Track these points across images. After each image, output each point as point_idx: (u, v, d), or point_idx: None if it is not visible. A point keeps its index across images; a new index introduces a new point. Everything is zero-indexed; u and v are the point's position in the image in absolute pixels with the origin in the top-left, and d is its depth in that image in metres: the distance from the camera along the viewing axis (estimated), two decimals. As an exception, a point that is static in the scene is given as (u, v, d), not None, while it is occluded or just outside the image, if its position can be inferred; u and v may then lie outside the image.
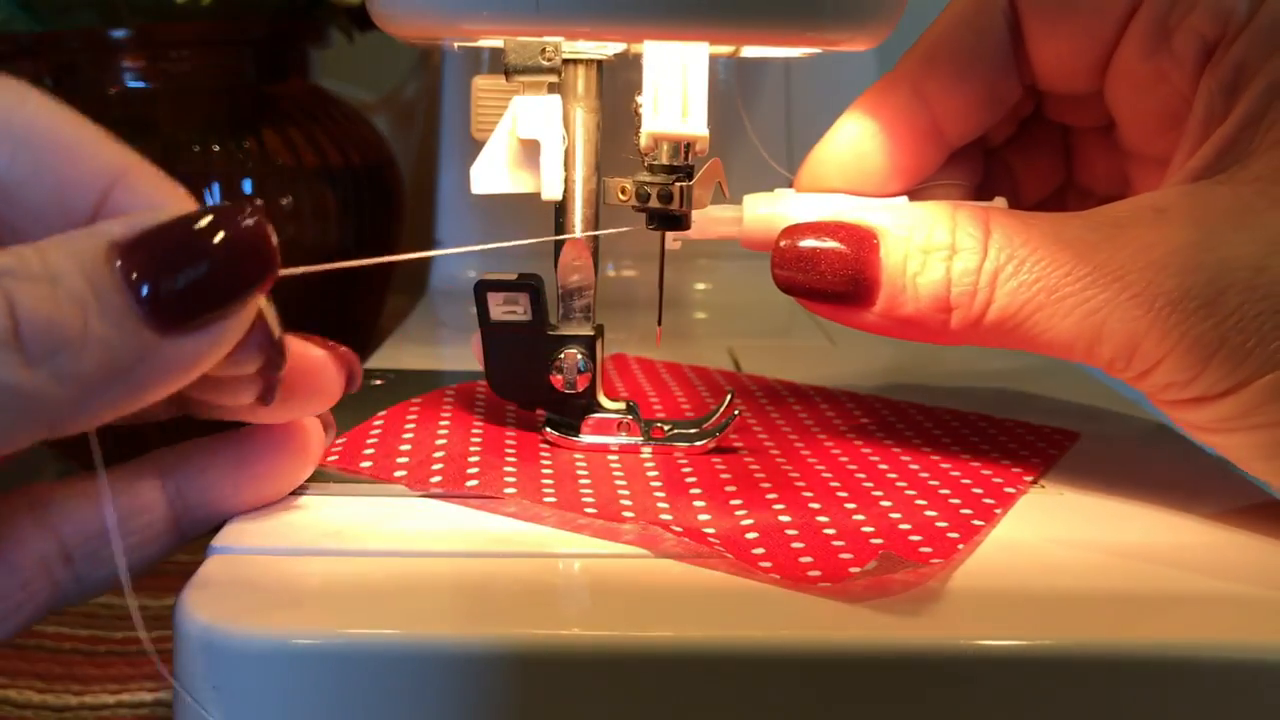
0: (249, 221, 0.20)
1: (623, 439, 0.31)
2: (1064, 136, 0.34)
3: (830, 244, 0.28)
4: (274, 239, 0.20)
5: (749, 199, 0.31)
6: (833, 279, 0.27)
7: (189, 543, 0.26)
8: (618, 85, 0.33)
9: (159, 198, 0.21)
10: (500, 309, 0.30)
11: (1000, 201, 0.30)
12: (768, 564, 0.24)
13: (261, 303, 0.21)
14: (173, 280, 0.19)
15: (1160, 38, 0.28)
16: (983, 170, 0.34)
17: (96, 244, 0.19)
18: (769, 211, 0.30)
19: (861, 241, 0.27)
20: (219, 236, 0.20)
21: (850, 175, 0.31)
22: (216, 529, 0.26)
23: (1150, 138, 0.30)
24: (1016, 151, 0.34)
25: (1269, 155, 0.25)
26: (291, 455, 0.27)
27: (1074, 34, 0.29)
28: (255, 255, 0.20)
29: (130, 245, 0.19)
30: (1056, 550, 0.26)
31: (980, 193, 0.33)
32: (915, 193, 0.31)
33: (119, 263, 0.19)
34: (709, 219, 0.31)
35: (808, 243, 0.28)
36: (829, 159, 0.31)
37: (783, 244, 0.28)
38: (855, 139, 0.31)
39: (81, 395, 0.19)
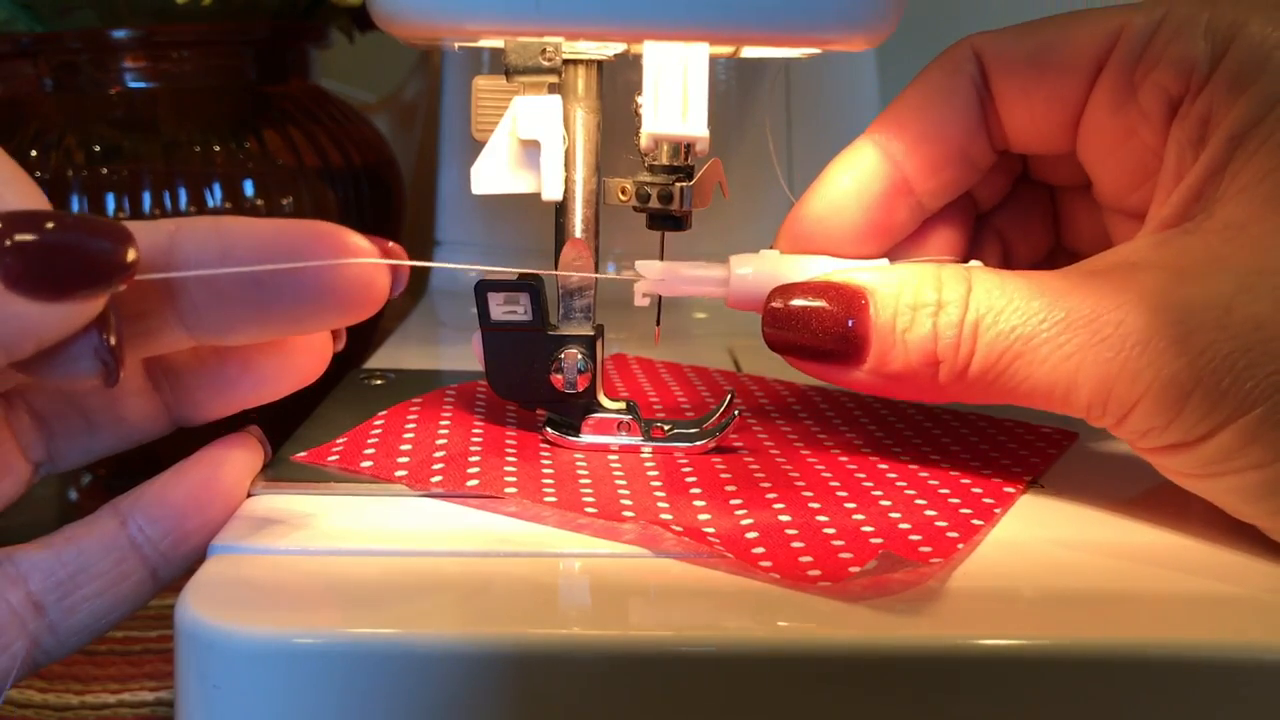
0: (103, 240, 0.21)
1: (623, 439, 0.31)
2: (1051, 197, 0.35)
3: (821, 303, 0.28)
4: (128, 258, 0.21)
5: (734, 259, 0.31)
6: (824, 337, 0.28)
7: (168, 585, 0.26)
8: (618, 85, 0.33)
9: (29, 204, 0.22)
10: (500, 309, 0.30)
11: (976, 264, 0.30)
12: (768, 564, 0.24)
13: (109, 315, 0.22)
14: (20, 251, 0.20)
15: (1127, 94, 0.29)
16: (971, 235, 0.34)
17: None
18: (754, 271, 0.31)
19: (851, 300, 0.28)
20: (69, 236, 0.21)
21: (828, 231, 0.31)
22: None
23: (1125, 193, 0.31)
24: (1006, 216, 0.35)
25: (1233, 203, 0.26)
26: (228, 479, 0.27)
27: (1043, 94, 0.30)
28: (97, 264, 0.21)
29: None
30: (1056, 550, 0.26)
31: (970, 258, 0.34)
32: (899, 263, 0.31)
33: None
34: (695, 279, 0.31)
35: (799, 302, 0.28)
36: (806, 215, 0.32)
37: (774, 304, 0.29)
38: (831, 196, 0.31)
39: None
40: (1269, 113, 0.26)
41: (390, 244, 0.26)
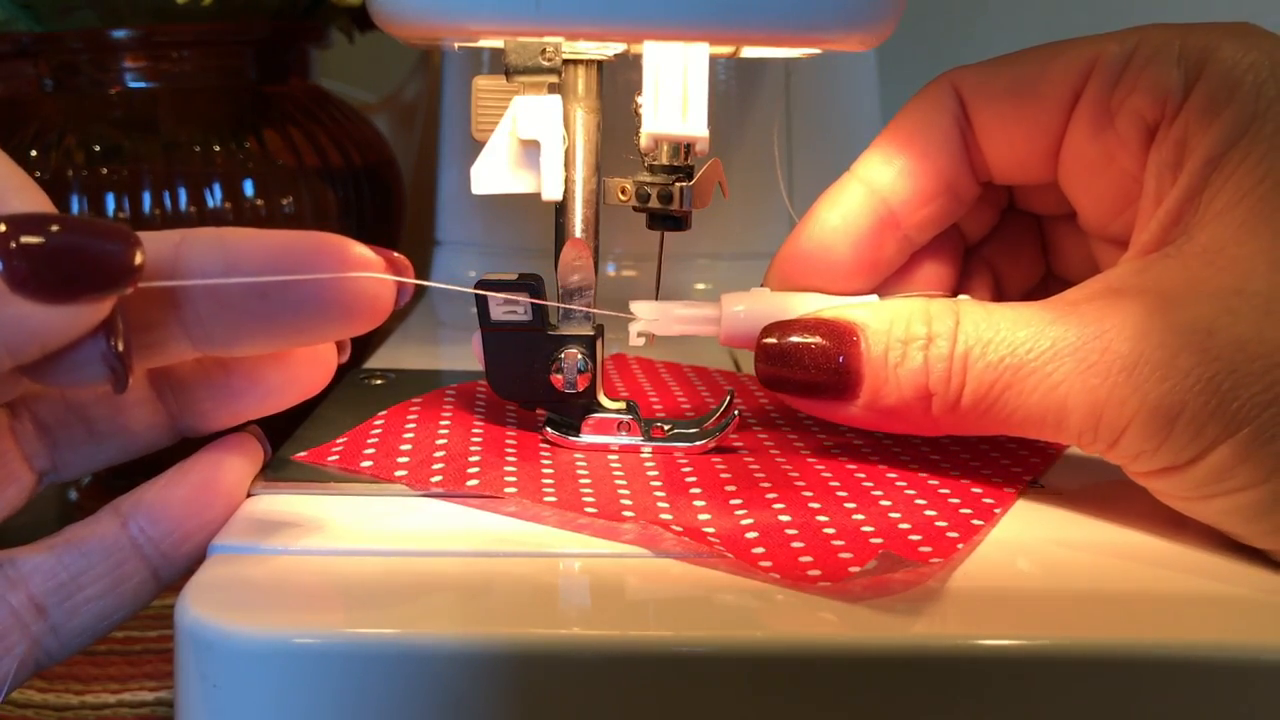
0: (110, 242, 0.21)
1: (623, 439, 0.31)
2: (1039, 227, 0.35)
3: (813, 339, 0.28)
4: (135, 260, 0.21)
5: (726, 298, 0.31)
6: (817, 373, 0.28)
7: (169, 586, 0.26)
8: (618, 85, 0.33)
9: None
10: (501, 309, 0.30)
11: (964, 298, 0.31)
12: (768, 564, 0.24)
13: (116, 321, 0.22)
14: (25, 253, 0.20)
15: (1104, 121, 0.29)
16: (961, 268, 0.34)
17: None
18: (746, 309, 0.31)
19: (844, 336, 0.28)
20: (75, 238, 0.21)
21: (818, 268, 0.32)
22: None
23: (1107, 220, 0.31)
24: (996, 247, 0.35)
25: (1212, 227, 0.26)
26: (227, 480, 0.27)
27: (1023, 125, 0.30)
28: (104, 267, 0.21)
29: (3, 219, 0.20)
30: (1056, 550, 0.26)
31: (960, 291, 0.34)
32: (889, 298, 0.32)
33: None
34: (688, 318, 0.31)
35: (791, 338, 0.29)
36: (795, 254, 0.32)
37: (766, 340, 0.29)
38: (819, 233, 0.32)
39: None
40: (1243, 136, 0.26)
41: (396, 255, 0.26)
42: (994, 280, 0.35)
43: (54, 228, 0.20)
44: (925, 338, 0.27)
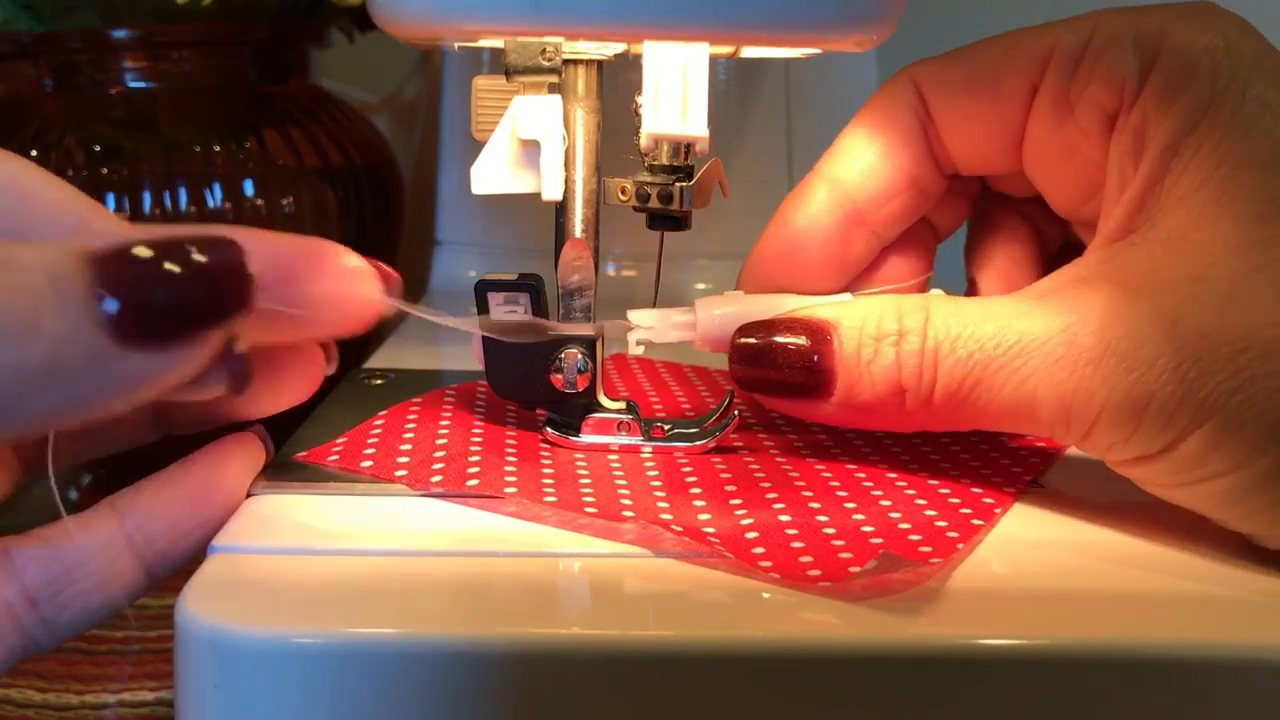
0: (227, 255, 0.20)
1: (623, 439, 0.31)
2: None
3: (787, 338, 0.28)
4: (250, 272, 0.20)
5: (701, 302, 0.31)
6: (791, 372, 0.28)
7: (159, 582, 0.26)
8: (618, 85, 0.33)
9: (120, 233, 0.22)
10: (501, 309, 0.30)
11: (938, 292, 0.31)
12: (768, 564, 0.24)
13: (235, 332, 0.22)
14: (142, 298, 0.19)
15: (1064, 112, 0.29)
16: (931, 263, 0.34)
17: (69, 247, 0.19)
18: (722, 312, 0.31)
19: (817, 334, 0.28)
20: (195, 263, 0.20)
21: (788, 268, 0.32)
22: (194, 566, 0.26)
23: (1077, 206, 0.31)
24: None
25: (1174, 213, 0.26)
26: (226, 479, 0.27)
27: (983, 119, 0.30)
28: (228, 289, 0.20)
29: (106, 256, 0.19)
30: (1056, 550, 0.26)
31: (930, 285, 0.34)
32: (860, 295, 0.32)
33: (91, 271, 0.19)
34: (664, 324, 0.31)
35: (764, 338, 0.29)
36: (766, 255, 0.32)
37: (740, 341, 0.29)
38: (787, 234, 0.32)
39: (19, 389, 0.19)
40: (1200, 121, 0.26)
41: (386, 268, 0.27)
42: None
43: (162, 265, 0.18)
44: (897, 333, 0.27)
